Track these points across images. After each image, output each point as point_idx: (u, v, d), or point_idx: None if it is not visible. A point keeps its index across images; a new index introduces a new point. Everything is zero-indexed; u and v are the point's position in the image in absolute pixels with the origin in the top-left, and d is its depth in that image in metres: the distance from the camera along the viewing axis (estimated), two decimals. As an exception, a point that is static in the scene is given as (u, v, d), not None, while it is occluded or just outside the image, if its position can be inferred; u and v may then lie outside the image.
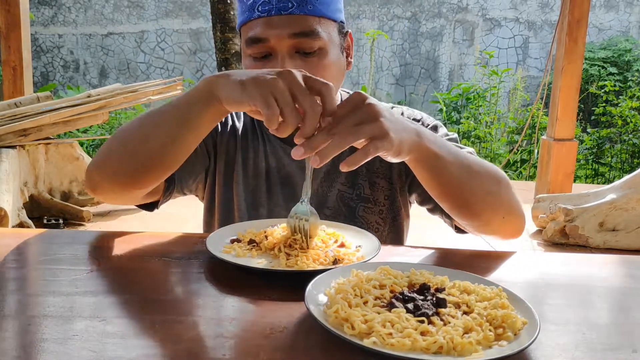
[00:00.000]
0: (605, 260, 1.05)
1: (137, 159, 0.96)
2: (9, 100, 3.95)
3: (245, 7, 1.10)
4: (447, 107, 7.45)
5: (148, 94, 4.23)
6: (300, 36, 1.05)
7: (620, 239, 3.69)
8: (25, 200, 3.78)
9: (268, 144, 1.23)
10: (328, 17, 1.09)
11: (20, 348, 0.66)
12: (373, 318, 0.67)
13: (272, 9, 1.05)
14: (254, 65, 1.09)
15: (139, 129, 0.98)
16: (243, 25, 1.12)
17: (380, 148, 0.80)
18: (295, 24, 1.05)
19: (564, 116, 4.22)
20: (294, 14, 1.05)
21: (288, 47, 1.06)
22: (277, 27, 1.05)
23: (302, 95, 0.80)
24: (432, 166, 0.93)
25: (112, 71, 9.00)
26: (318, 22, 1.07)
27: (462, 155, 0.98)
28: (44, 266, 0.90)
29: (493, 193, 1.01)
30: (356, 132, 0.79)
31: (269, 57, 1.07)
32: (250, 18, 1.08)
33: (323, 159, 0.78)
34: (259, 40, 1.06)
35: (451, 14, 8.76)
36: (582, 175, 6.53)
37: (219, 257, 0.88)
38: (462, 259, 1.00)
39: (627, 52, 7.84)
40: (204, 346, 0.66)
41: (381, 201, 1.21)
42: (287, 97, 0.80)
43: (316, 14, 1.07)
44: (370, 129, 0.80)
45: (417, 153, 0.89)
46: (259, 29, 1.06)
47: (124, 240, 1.02)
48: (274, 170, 1.21)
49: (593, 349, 0.69)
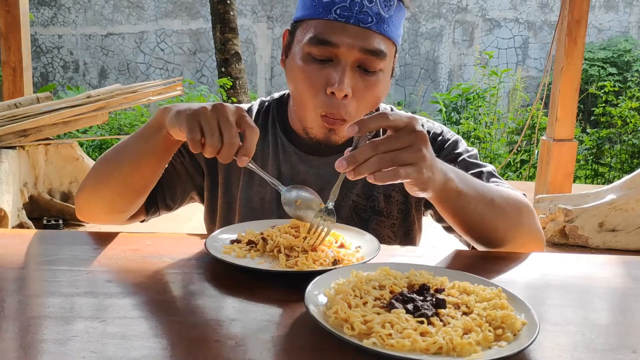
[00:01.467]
0: (605, 260, 1.05)
1: (111, 187, 1.07)
2: (9, 101, 3.95)
3: (317, 2, 1.05)
4: (447, 107, 7.45)
5: (148, 94, 4.23)
6: (370, 53, 1.04)
7: (620, 239, 3.69)
8: (25, 201, 3.77)
9: (282, 151, 1.20)
10: (394, 40, 1.09)
11: (20, 349, 0.66)
12: (373, 319, 0.67)
13: (351, 17, 1.03)
14: (310, 66, 1.06)
15: (111, 160, 1.08)
16: (309, 19, 1.07)
17: (410, 176, 0.83)
18: (369, 40, 1.03)
19: (564, 116, 4.22)
20: (371, 29, 1.03)
21: (354, 60, 1.04)
22: (352, 37, 1.02)
23: (225, 128, 0.87)
24: (454, 205, 0.97)
25: (112, 72, 9.00)
26: (387, 43, 1.06)
27: (485, 191, 1.01)
28: (44, 267, 0.90)
29: (515, 224, 1.05)
30: (397, 158, 0.81)
31: (328, 62, 1.05)
32: (323, 16, 1.04)
33: (358, 175, 0.82)
34: (329, 43, 1.03)
35: (451, 15, 8.77)
36: (582, 175, 6.53)
37: (219, 258, 0.88)
38: (461, 260, 1.00)
39: (627, 52, 7.85)
40: (204, 347, 0.66)
41: (394, 215, 1.19)
42: (211, 125, 0.87)
43: (388, 35, 1.06)
44: (411, 157, 0.82)
45: (440, 192, 0.92)
46: (332, 32, 1.03)
47: (124, 241, 1.02)
48: (287, 179, 1.18)
49: (592, 350, 0.69)
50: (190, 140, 0.87)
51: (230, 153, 0.87)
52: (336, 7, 1.03)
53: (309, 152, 1.18)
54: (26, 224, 3.58)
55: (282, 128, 1.21)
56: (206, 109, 0.88)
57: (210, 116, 0.87)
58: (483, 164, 1.18)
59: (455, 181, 0.94)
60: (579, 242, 3.73)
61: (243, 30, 8.65)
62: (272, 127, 1.22)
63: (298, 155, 1.19)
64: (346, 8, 1.02)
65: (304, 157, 1.18)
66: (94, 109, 4.00)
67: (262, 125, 1.23)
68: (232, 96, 6.86)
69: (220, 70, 7.01)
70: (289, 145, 1.19)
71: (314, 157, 1.18)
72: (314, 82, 1.06)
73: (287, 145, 1.20)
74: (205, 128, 0.87)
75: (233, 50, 6.92)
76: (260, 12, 8.93)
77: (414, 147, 0.82)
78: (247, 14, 8.88)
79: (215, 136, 0.86)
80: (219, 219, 1.22)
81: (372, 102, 1.09)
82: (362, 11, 1.03)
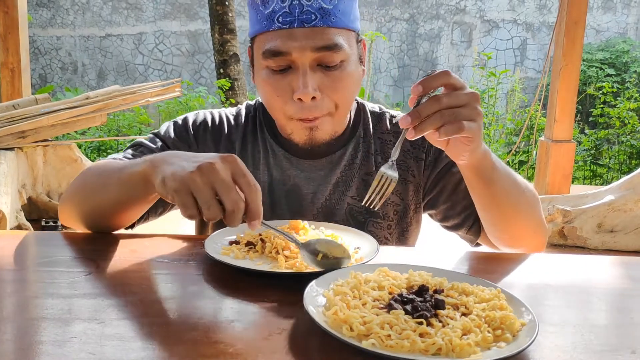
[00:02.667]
0: (603, 261, 1.05)
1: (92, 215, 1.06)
2: (7, 102, 3.94)
3: (261, 15, 1.05)
4: (446, 108, 7.44)
5: (146, 95, 4.23)
6: (324, 50, 1.02)
7: (619, 240, 3.70)
8: (23, 202, 3.77)
9: (272, 155, 1.18)
10: (349, 27, 1.06)
11: (18, 350, 0.66)
12: (372, 320, 0.67)
13: (294, 21, 1.01)
14: (272, 78, 1.05)
15: (91, 193, 1.04)
16: (259, 34, 1.07)
17: (471, 131, 0.86)
18: (318, 38, 1.02)
19: (562, 117, 4.22)
20: (317, 26, 1.02)
21: (310, 61, 1.03)
22: (300, 41, 1.01)
23: (223, 194, 0.78)
24: (488, 177, 1.00)
25: (111, 73, 9.00)
26: (340, 34, 1.04)
27: (511, 172, 1.05)
28: (42, 268, 0.90)
29: (530, 209, 1.09)
30: (459, 114, 0.85)
31: (288, 70, 1.04)
32: (268, 29, 1.03)
33: (420, 132, 0.84)
34: (280, 53, 1.02)
35: (449, 16, 8.77)
36: (580, 176, 6.53)
37: (218, 259, 0.88)
38: (460, 261, 1.00)
39: (625, 53, 7.86)
40: (203, 348, 0.66)
41: (390, 216, 1.19)
42: (206, 195, 0.78)
43: (338, 26, 1.04)
44: (471, 113, 0.86)
45: (480, 162, 0.96)
46: (280, 42, 1.02)
47: (122, 243, 1.02)
48: (279, 183, 1.17)
49: (592, 350, 0.69)
50: (188, 217, 0.79)
51: (237, 219, 0.79)
52: (277, 16, 1.02)
53: (298, 155, 1.17)
54: (24, 225, 3.57)
55: (270, 132, 1.20)
56: (194, 176, 0.78)
57: (202, 185, 0.78)
58: None
59: (490, 154, 0.99)
60: (577, 243, 3.73)
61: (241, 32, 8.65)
62: (260, 131, 1.21)
63: (288, 159, 1.18)
64: (287, 13, 1.01)
65: (294, 160, 1.17)
66: (93, 110, 3.99)
67: (252, 130, 1.22)
68: (230, 97, 6.86)
69: (218, 71, 7.01)
70: (279, 149, 1.18)
71: (304, 160, 1.17)
72: (280, 92, 1.06)
73: (276, 149, 1.19)
74: (200, 201, 0.78)
75: (231, 52, 6.92)
76: (259, 13, 8.93)
77: (472, 105, 0.87)
78: (245, 15, 8.88)
79: (212, 208, 0.78)
80: (212, 225, 1.20)
81: (347, 94, 1.08)
82: (304, 11, 1.01)
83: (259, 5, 1.05)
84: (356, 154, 1.19)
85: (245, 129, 1.22)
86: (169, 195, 0.82)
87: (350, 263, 0.87)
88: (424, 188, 1.20)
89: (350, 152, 1.19)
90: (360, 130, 1.21)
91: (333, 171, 1.17)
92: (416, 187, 1.20)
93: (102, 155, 6.41)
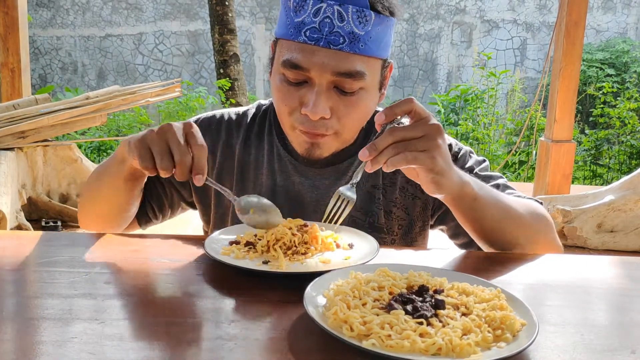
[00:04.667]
0: (603, 261, 1.05)
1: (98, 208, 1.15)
2: (7, 103, 3.94)
3: (290, 21, 1.01)
4: (445, 108, 7.45)
5: (146, 95, 4.23)
6: (344, 76, 0.99)
7: (619, 240, 3.70)
8: (23, 203, 3.77)
9: (277, 160, 1.16)
10: (375, 56, 1.02)
11: (18, 350, 0.66)
12: (372, 320, 0.67)
13: (320, 39, 0.97)
14: (285, 87, 1.03)
15: (93, 183, 1.15)
16: (283, 39, 1.04)
17: (419, 161, 0.84)
18: (341, 63, 0.98)
19: (562, 117, 4.22)
20: (343, 50, 0.98)
21: (328, 83, 1.00)
22: (322, 60, 0.98)
23: (173, 147, 0.88)
24: (471, 209, 0.97)
25: (111, 73, 9.00)
26: (365, 62, 1.00)
27: (502, 198, 1.01)
28: (42, 268, 0.90)
29: (532, 233, 1.05)
30: (411, 145, 0.84)
31: (304, 84, 1.02)
32: (294, 39, 1.00)
33: (375, 164, 0.84)
34: (299, 67, 0.99)
35: (449, 16, 8.77)
36: (580, 176, 6.53)
37: (218, 259, 0.88)
38: (460, 261, 1.00)
39: (625, 53, 7.86)
40: (203, 348, 0.66)
41: (394, 231, 1.17)
42: (160, 147, 0.88)
43: (365, 54, 1.00)
44: (425, 145, 0.85)
45: (457, 194, 0.94)
46: (301, 56, 0.99)
47: (123, 243, 1.02)
48: (281, 189, 1.15)
49: (592, 350, 0.69)
50: (143, 168, 0.89)
51: (184, 171, 0.87)
52: (306, 29, 0.98)
53: (305, 162, 1.15)
54: (24, 225, 3.57)
55: (278, 136, 1.18)
56: (152, 132, 0.89)
57: (158, 139, 0.88)
58: (495, 175, 1.16)
59: (471, 184, 0.95)
60: (577, 243, 3.73)
61: (241, 32, 8.65)
62: (268, 134, 1.19)
63: (294, 165, 1.15)
64: (315, 30, 0.97)
65: (299, 167, 1.15)
66: (93, 110, 3.99)
67: (258, 132, 1.19)
68: (230, 97, 6.86)
69: (218, 71, 7.01)
70: (285, 154, 1.16)
71: (310, 168, 1.15)
72: (289, 103, 1.04)
73: (282, 154, 1.16)
74: (154, 151, 0.88)
75: (231, 52, 6.93)
76: (259, 13, 8.94)
77: (428, 136, 0.85)
78: (245, 16, 8.88)
79: (164, 158, 0.87)
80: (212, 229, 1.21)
81: (357, 120, 1.07)
82: (333, 32, 0.97)
83: (291, 10, 1.01)
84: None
85: (249, 130, 1.20)
86: (131, 154, 0.93)
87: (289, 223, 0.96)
88: (433, 205, 1.18)
89: (357, 162, 1.15)
90: (371, 140, 1.16)
91: (338, 181, 1.15)
92: (424, 204, 1.17)
93: (102, 156, 6.42)
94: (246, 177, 1.17)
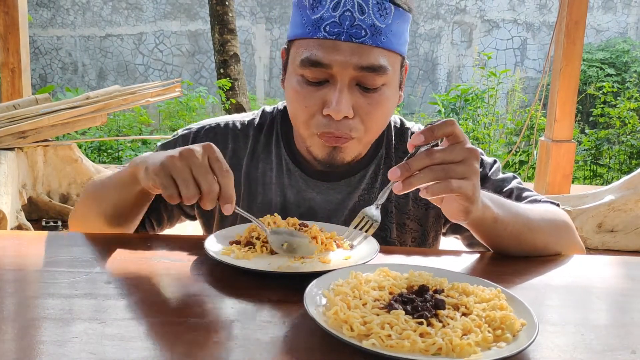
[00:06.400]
0: (603, 261, 1.05)
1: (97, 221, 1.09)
2: (7, 103, 3.94)
3: (307, 20, 0.97)
4: (446, 108, 7.46)
5: (146, 95, 4.23)
6: (367, 70, 0.95)
7: (619, 240, 3.70)
8: (23, 203, 3.77)
9: (287, 175, 1.12)
10: (396, 51, 0.99)
11: (19, 350, 0.66)
12: (372, 320, 0.67)
13: (342, 33, 0.94)
14: (304, 88, 0.99)
15: (95, 196, 1.10)
16: (300, 39, 1.00)
17: (462, 190, 0.81)
18: (364, 56, 0.95)
19: (562, 117, 4.22)
20: (365, 44, 0.95)
21: (350, 79, 0.96)
22: (344, 55, 0.94)
23: (199, 175, 0.83)
24: (490, 230, 0.95)
25: (111, 73, 9.00)
26: (387, 56, 0.97)
27: (521, 212, 0.99)
28: (43, 268, 0.90)
29: (552, 241, 1.03)
30: (451, 171, 0.80)
31: (325, 83, 0.98)
32: (312, 35, 0.96)
33: (407, 187, 0.79)
34: (320, 64, 0.96)
35: (449, 16, 8.78)
36: (581, 176, 6.53)
37: (218, 259, 0.88)
38: (461, 261, 1.00)
39: (625, 53, 7.86)
40: (203, 348, 0.66)
41: (407, 243, 1.14)
42: (184, 175, 0.83)
43: (387, 47, 0.97)
44: (465, 171, 0.81)
45: (477, 220, 0.91)
46: (322, 52, 0.95)
47: (123, 242, 1.02)
48: (293, 205, 1.11)
49: (592, 350, 0.69)
50: (167, 197, 0.84)
51: (212, 200, 0.83)
52: (325, 24, 0.95)
53: (316, 177, 1.11)
54: (25, 225, 3.57)
55: (287, 148, 1.14)
56: (174, 159, 0.84)
57: (181, 166, 0.83)
58: (508, 178, 1.14)
59: (491, 208, 0.92)
60: (577, 243, 3.73)
61: (242, 32, 8.65)
62: (276, 146, 1.14)
63: (304, 180, 1.11)
64: (336, 24, 0.94)
65: (311, 182, 1.11)
66: (93, 110, 3.99)
67: (264, 144, 1.15)
68: (230, 97, 6.86)
69: (219, 71, 7.02)
70: (295, 168, 1.12)
71: (321, 182, 1.11)
72: (309, 104, 0.99)
73: (292, 169, 1.12)
74: (178, 181, 0.83)
75: (232, 52, 6.93)
76: (259, 13, 8.94)
77: (468, 162, 0.81)
78: (245, 16, 8.88)
79: (190, 187, 0.82)
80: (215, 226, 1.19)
81: (380, 120, 1.03)
82: (354, 25, 0.94)
83: (307, 8, 0.97)
84: (376, 177, 1.13)
85: (256, 142, 1.15)
86: (150, 181, 0.87)
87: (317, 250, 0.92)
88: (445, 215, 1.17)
89: (370, 175, 1.13)
90: (382, 150, 1.15)
91: (351, 195, 1.12)
92: (437, 214, 1.14)
93: (102, 156, 6.42)
94: (253, 192, 1.14)
